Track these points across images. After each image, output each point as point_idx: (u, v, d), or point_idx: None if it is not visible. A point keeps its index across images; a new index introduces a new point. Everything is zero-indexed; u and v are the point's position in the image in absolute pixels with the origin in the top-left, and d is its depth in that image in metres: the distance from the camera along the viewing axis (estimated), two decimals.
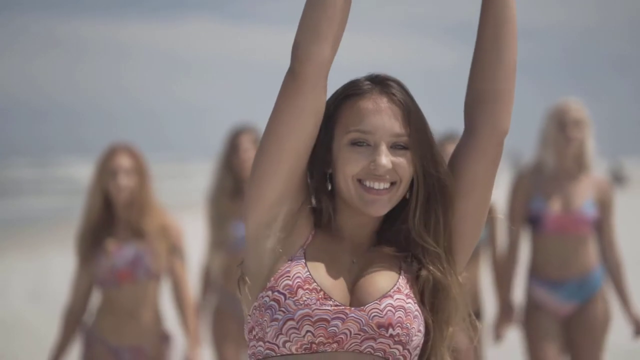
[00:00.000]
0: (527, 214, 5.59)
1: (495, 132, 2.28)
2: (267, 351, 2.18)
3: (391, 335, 2.19)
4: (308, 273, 2.20)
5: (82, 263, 5.22)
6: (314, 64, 2.19)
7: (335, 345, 2.17)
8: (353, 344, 2.18)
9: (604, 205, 5.59)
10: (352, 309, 2.19)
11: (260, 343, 2.20)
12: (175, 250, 5.29)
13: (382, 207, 2.25)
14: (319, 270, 2.21)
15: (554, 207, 5.51)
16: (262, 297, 2.21)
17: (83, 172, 62.38)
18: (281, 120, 2.21)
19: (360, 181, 2.24)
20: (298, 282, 2.18)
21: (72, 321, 5.26)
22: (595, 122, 5.76)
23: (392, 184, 2.25)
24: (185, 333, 5.36)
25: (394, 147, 2.25)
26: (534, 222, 5.56)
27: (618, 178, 39.50)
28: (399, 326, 2.19)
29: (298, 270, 2.20)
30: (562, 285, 5.52)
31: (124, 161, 5.26)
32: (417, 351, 2.24)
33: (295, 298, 2.17)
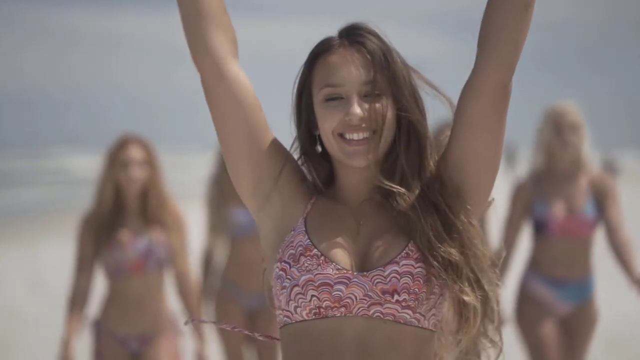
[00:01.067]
0: (531, 218, 5.58)
1: (494, 73, 2.21)
2: (285, 318, 2.21)
3: (397, 301, 2.16)
4: (309, 240, 2.20)
5: (89, 250, 5.18)
6: (203, 59, 2.25)
7: (343, 309, 2.16)
8: (361, 309, 2.16)
9: (602, 194, 5.53)
10: (355, 273, 2.18)
11: (279, 312, 2.23)
12: (184, 242, 5.30)
13: (364, 158, 2.21)
14: (320, 237, 2.21)
15: (557, 210, 5.49)
16: (274, 268, 2.23)
17: (75, 163, 62.43)
18: (214, 117, 2.28)
19: (340, 135, 2.22)
20: (300, 249, 2.19)
21: (78, 309, 5.17)
22: (604, 114, 5.78)
23: (374, 132, 2.21)
24: (194, 332, 5.36)
25: (369, 95, 2.21)
26: (538, 226, 5.54)
27: (611, 170, 39.57)
28: (405, 292, 2.16)
29: (300, 239, 2.21)
30: (564, 285, 5.52)
31: (135, 153, 5.22)
32: (435, 311, 2.21)
33: (298, 265, 2.18)
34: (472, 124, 2.24)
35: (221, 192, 6.14)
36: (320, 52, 2.25)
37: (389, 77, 2.22)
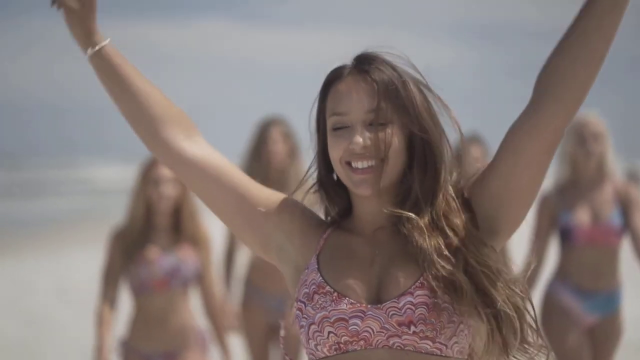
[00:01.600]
0: (557, 228, 5.56)
1: (560, 117, 2.15)
2: (310, 356, 2.21)
3: (415, 332, 2.13)
4: (321, 278, 2.19)
5: (117, 264, 5.21)
6: (156, 151, 2.33)
7: (362, 342, 2.14)
8: (380, 341, 2.14)
9: (626, 203, 5.50)
10: (369, 306, 2.15)
11: (305, 350, 2.22)
12: (211, 260, 5.36)
13: (369, 186, 2.19)
14: (332, 273, 2.19)
15: (583, 219, 5.47)
16: (294, 307, 2.22)
17: (101, 173, 62.35)
18: (196, 196, 2.37)
19: (348, 163, 2.20)
20: (313, 288, 2.18)
21: (107, 321, 5.17)
22: (613, 122, 5.72)
23: (381, 160, 2.18)
24: (218, 342, 5.42)
25: (374, 124, 2.18)
26: (564, 235, 5.52)
27: (634, 178, 39.20)
28: (421, 323, 2.13)
29: (313, 277, 2.20)
30: (592, 296, 5.48)
31: (166, 171, 5.20)
32: (458, 339, 2.16)
33: (313, 303, 2.16)
34: (524, 161, 2.17)
35: None
36: (332, 80, 2.24)
37: (397, 105, 2.19)
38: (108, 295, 5.20)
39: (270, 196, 2.30)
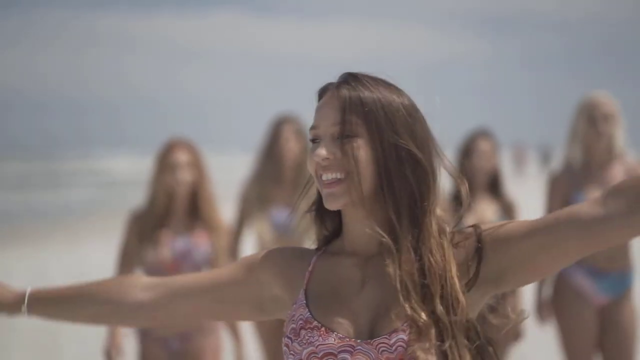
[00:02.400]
0: None
1: (617, 230, 2.05)
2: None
3: None
4: (309, 313, 2.13)
5: (130, 247, 5.27)
6: (140, 320, 2.43)
7: None
8: None
9: None
10: (359, 341, 2.08)
11: None
12: (225, 245, 5.36)
13: (336, 200, 2.13)
14: (320, 308, 2.14)
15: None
16: (282, 342, 2.19)
17: (116, 165, 62.44)
18: (184, 322, 2.47)
19: (320, 177, 2.16)
20: (300, 323, 2.13)
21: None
22: (629, 113, 5.66)
23: (348, 174, 2.12)
24: (230, 329, 5.46)
25: (343, 137, 2.13)
26: None
27: None
28: None
29: (300, 312, 2.15)
30: (606, 276, 5.46)
31: (181, 156, 5.28)
32: None
33: (299, 339, 2.12)
34: (561, 249, 2.08)
35: (261, 194, 6.21)
36: (318, 96, 2.23)
37: (367, 121, 2.12)
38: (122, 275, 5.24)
39: (239, 267, 2.29)
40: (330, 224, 2.24)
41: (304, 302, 2.16)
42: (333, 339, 2.10)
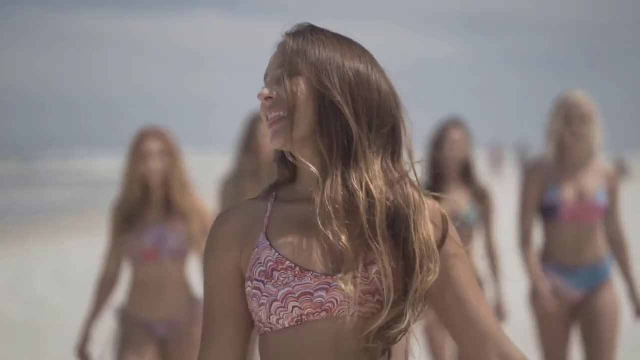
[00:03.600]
0: (541, 203, 5.41)
1: None
2: (266, 329, 2.10)
3: (378, 301, 2.06)
4: (277, 254, 2.07)
5: (116, 237, 5.20)
6: None
7: (324, 313, 2.05)
8: (341, 310, 2.05)
9: (613, 192, 5.42)
10: (334, 277, 2.04)
11: (260, 324, 2.11)
12: (206, 231, 5.13)
13: (275, 137, 2.11)
14: (287, 247, 2.08)
15: (569, 196, 5.33)
16: (247, 287, 2.11)
17: (94, 165, 62.07)
18: None
19: (267, 118, 2.15)
20: (271, 265, 2.07)
21: (105, 291, 5.21)
22: (612, 114, 5.65)
23: (289, 112, 2.10)
24: None
25: (284, 77, 2.11)
26: (549, 211, 5.38)
27: (622, 170, 38.11)
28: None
29: (267, 254, 2.08)
30: (574, 272, 5.36)
31: (153, 145, 5.20)
32: None
33: (273, 281, 2.06)
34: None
35: (238, 190, 6.20)
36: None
37: (309, 62, 2.10)
38: (109, 270, 5.22)
39: (224, 281, 2.15)
40: (286, 170, 2.19)
41: (267, 243, 2.09)
42: (309, 279, 2.05)
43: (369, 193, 2.07)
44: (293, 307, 2.06)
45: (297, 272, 2.06)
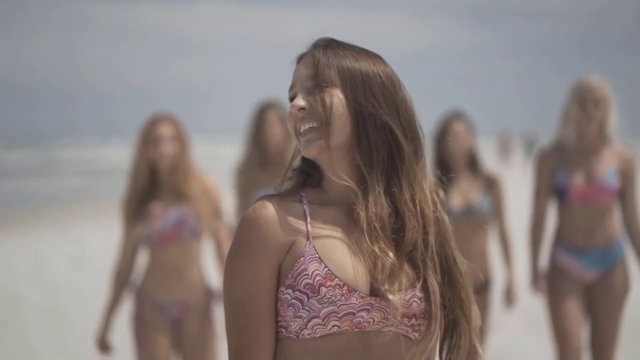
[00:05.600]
0: (553, 187, 5.41)
1: None
2: (289, 335, 2.02)
3: (412, 325, 2.03)
4: (327, 269, 1.99)
5: (128, 226, 5.15)
6: None
7: (357, 330, 2.00)
8: (374, 328, 2.01)
9: (626, 175, 5.37)
10: (377, 299, 2.00)
11: (283, 330, 2.04)
12: (217, 211, 5.22)
13: (310, 146, 2.05)
14: (336, 262, 2.00)
15: (577, 179, 5.32)
16: (282, 293, 2.02)
17: (102, 154, 61.77)
18: None
19: (298, 130, 2.09)
20: (319, 280, 1.98)
21: (121, 280, 5.18)
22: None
23: (322, 123, 2.05)
24: None
25: (316, 89, 2.07)
26: (560, 194, 5.37)
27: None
28: (421, 317, 2.03)
29: (315, 267, 2.00)
30: (587, 253, 5.33)
31: (165, 130, 5.17)
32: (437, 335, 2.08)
33: (319, 297, 1.98)
34: None
35: (248, 180, 6.18)
36: (297, 61, 2.17)
37: (342, 74, 2.07)
38: (125, 258, 5.19)
39: (262, 288, 2.05)
40: (309, 177, 2.15)
41: (316, 255, 2.01)
42: (355, 299, 1.99)
43: (422, 212, 2.05)
44: (333, 326, 1.99)
45: (344, 291, 1.99)
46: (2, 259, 13.93)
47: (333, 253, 2.01)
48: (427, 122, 2.14)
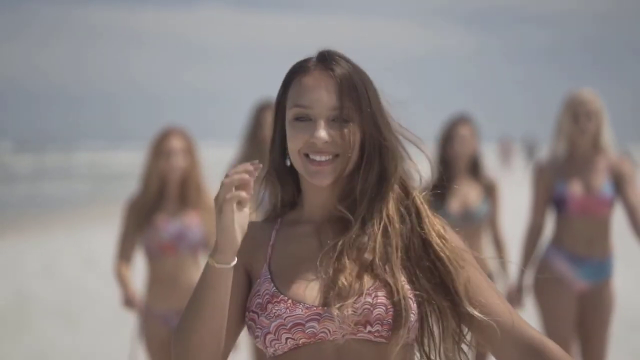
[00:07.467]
0: (552, 198, 5.37)
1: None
2: (269, 354, 2.06)
3: (370, 332, 2.00)
4: (275, 288, 2.04)
5: (130, 230, 5.16)
6: None
7: (319, 341, 2.01)
8: (335, 338, 2.00)
9: (619, 177, 5.32)
10: (325, 308, 2.00)
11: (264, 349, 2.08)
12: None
13: (325, 178, 2.07)
14: (284, 281, 2.05)
15: (576, 189, 5.28)
16: (247, 317, 2.07)
17: (109, 158, 61.85)
18: None
19: (306, 155, 2.07)
20: (267, 298, 2.03)
21: (124, 274, 5.18)
22: (612, 107, 5.45)
23: (336, 155, 2.07)
24: None
25: (336, 120, 2.07)
26: (558, 204, 5.34)
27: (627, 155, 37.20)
28: (378, 323, 2.00)
29: (266, 287, 2.05)
30: (585, 262, 5.30)
31: (176, 143, 5.19)
32: (413, 331, 2.04)
33: (266, 313, 2.02)
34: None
35: None
36: (296, 72, 2.12)
37: (357, 104, 2.08)
38: (124, 255, 5.18)
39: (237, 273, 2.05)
40: (288, 188, 2.17)
41: (269, 276, 2.06)
42: (300, 310, 2.01)
43: (385, 232, 2.07)
44: (286, 339, 2.01)
45: (289, 304, 2.02)
46: (14, 260, 13.98)
47: (285, 271, 2.06)
48: (429, 128, 2.14)
